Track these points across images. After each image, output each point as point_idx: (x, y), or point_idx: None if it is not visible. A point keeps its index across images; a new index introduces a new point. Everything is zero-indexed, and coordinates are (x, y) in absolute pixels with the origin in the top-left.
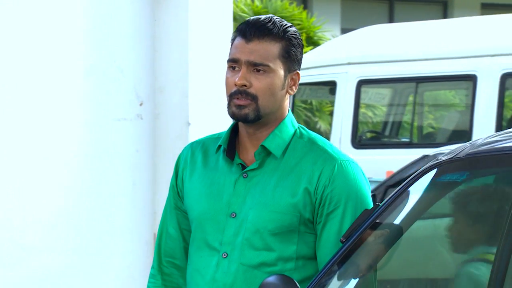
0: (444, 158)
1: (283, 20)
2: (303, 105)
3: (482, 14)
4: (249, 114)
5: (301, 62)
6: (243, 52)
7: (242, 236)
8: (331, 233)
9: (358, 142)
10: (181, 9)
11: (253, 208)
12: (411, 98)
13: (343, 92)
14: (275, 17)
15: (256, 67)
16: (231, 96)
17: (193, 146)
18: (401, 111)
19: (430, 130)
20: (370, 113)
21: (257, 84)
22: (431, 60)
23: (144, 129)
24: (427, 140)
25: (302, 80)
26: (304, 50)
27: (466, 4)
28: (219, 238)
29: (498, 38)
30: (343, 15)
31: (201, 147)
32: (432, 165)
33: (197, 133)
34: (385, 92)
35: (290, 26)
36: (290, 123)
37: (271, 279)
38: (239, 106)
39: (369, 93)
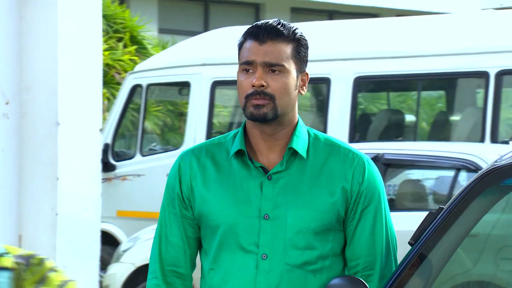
0: (504, 162)
1: (289, 23)
2: (156, 106)
3: (292, 17)
4: (267, 113)
5: (307, 63)
6: (258, 54)
7: (284, 236)
8: (365, 228)
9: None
10: (50, 7)
11: (291, 209)
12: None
13: (197, 93)
14: (283, 20)
15: (272, 67)
16: (247, 98)
17: (194, 153)
18: None
19: None
20: (225, 114)
21: (274, 84)
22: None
23: (10, 128)
24: None
25: (155, 81)
26: (128, 49)
27: (277, 7)
28: (254, 240)
29: (351, 43)
30: (160, 15)
31: (206, 153)
32: (493, 169)
33: (66, 134)
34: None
35: (297, 28)
36: (303, 125)
37: (337, 281)
38: (258, 106)
39: (223, 94)
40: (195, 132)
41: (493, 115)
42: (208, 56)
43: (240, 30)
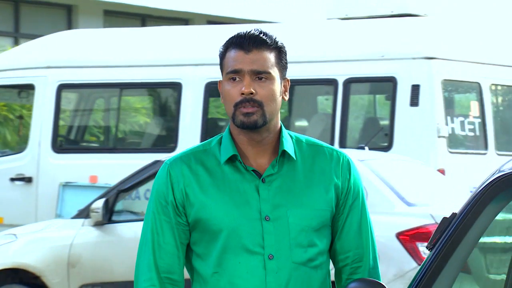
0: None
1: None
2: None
3: (105, 20)
4: (258, 120)
5: (287, 70)
6: (245, 62)
7: (288, 236)
8: (353, 222)
9: (59, 146)
10: None
11: (291, 209)
12: (115, 104)
13: (42, 95)
14: (262, 29)
15: (259, 75)
16: (236, 106)
17: (183, 160)
18: (106, 116)
19: (134, 135)
20: (71, 118)
21: (261, 91)
22: (136, 67)
23: None
24: (131, 145)
25: None
26: None
27: (90, 10)
28: (259, 242)
29: (202, 49)
30: None
31: (195, 160)
32: (503, 176)
33: None
34: (87, 97)
35: (277, 37)
36: (285, 129)
37: (356, 284)
38: (247, 114)
39: (69, 97)
40: (40, 136)
41: (342, 121)
42: (54, 59)
43: (85, 33)
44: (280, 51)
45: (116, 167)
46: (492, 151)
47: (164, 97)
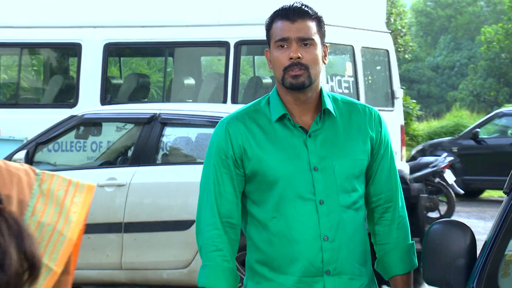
0: None
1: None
2: None
3: None
4: (305, 81)
5: (325, 37)
6: (291, 31)
7: (335, 183)
8: (385, 168)
9: None
10: None
11: (336, 159)
12: (16, 63)
13: None
14: (303, 2)
15: (304, 41)
16: (285, 70)
17: (238, 119)
18: (10, 75)
19: (35, 93)
20: None
21: (307, 55)
22: (36, 28)
23: None
24: (33, 101)
25: None
26: None
27: None
28: (310, 189)
29: (101, 11)
30: None
31: (249, 119)
32: None
33: None
34: None
35: (314, 8)
36: (324, 89)
37: (439, 225)
38: (296, 76)
39: None
40: None
41: (233, 79)
42: None
43: None
44: (319, 21)
45: (18, 121)
46: None
47: (65, 57)
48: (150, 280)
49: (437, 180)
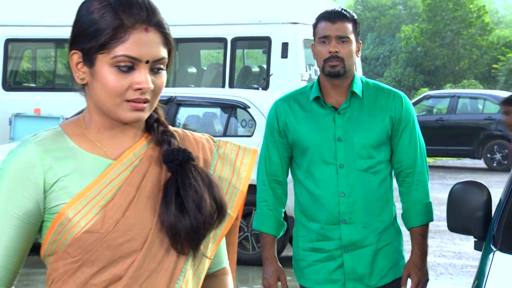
0: None
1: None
2: None
3: None
4: (340, 71)
5: (360, 35)
6: (332, 30)
7: (353, 151)
8: (404, 141)
9: (8, 86)
10: None
11: (356, 132)
12: (52, 55)
13: None
14: (343, 7)
15: (342, 39)
16: (325, 61)
17: (285, 100)
18: (47, 65)
19: (68, 78)
20: (17, 65)
21: (343, 50)
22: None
23: None
24: (66, 86)
25: None
26: None
27: None
28: (333, 155)
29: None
30: None
31: (293, 100)
32: None
33: None
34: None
35: (352, 12)
36: (358, 76)
37: (460, 186)
38: (333, 66)
39: (16, 48)
40: None
41: (230, 68)
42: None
43: None
44: (355, 22)
45: (55, 102)
46: None
47: None
48: None
49: None
